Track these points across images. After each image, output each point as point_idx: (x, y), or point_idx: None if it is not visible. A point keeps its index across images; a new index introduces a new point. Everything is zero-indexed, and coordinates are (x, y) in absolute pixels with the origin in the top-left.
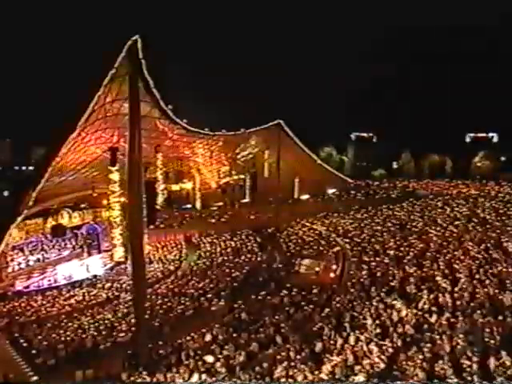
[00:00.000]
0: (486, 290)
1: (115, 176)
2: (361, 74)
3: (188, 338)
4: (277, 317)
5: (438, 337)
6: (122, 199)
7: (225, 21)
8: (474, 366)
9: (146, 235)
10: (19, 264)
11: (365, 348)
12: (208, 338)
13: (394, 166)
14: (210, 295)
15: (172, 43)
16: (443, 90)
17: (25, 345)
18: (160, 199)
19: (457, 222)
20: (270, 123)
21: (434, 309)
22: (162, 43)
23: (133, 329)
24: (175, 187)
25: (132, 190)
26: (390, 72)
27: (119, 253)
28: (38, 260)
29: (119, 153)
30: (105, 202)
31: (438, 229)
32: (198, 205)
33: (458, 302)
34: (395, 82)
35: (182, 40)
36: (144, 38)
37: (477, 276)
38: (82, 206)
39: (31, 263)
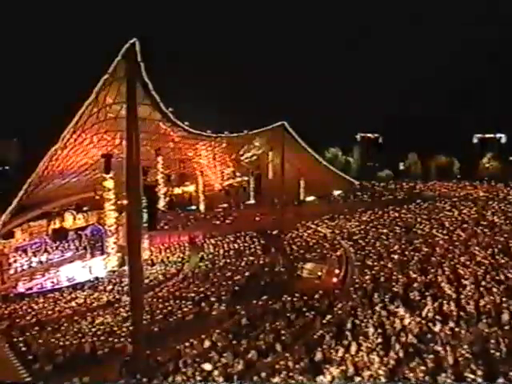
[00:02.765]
0: (492, 297)
1: (109, 183)
2: (365, 74)
3: (187, 344)
4: (277, 323)
5: (441, 347)
6: (121, 203)
7: (228, 21)
8: (479, 380)
9: (149, 239)
10: (22, 266)
11: (366, 358)
12: (207, 344)
13: (401, 166)
14: (210, 299)
15: (172, 44)
16: (450, 90)
17: (23, 349)
18: (161, 203)
19: (464, 226)
20: (274, 124)
21: (437, 317)
22: (162, 44)
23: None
24: (177, 190)
25: (130, 194)
26: (396, 72)
27: (113, 261)
28: (41, 262)
29: (120, 155)
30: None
31: (445, 232)
32: (202, 207)
33: (463, 311)
34: (400, 82)
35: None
36: (144, 40)
37: (483, 283)
38: (85, 208)
39: (34, 264)
